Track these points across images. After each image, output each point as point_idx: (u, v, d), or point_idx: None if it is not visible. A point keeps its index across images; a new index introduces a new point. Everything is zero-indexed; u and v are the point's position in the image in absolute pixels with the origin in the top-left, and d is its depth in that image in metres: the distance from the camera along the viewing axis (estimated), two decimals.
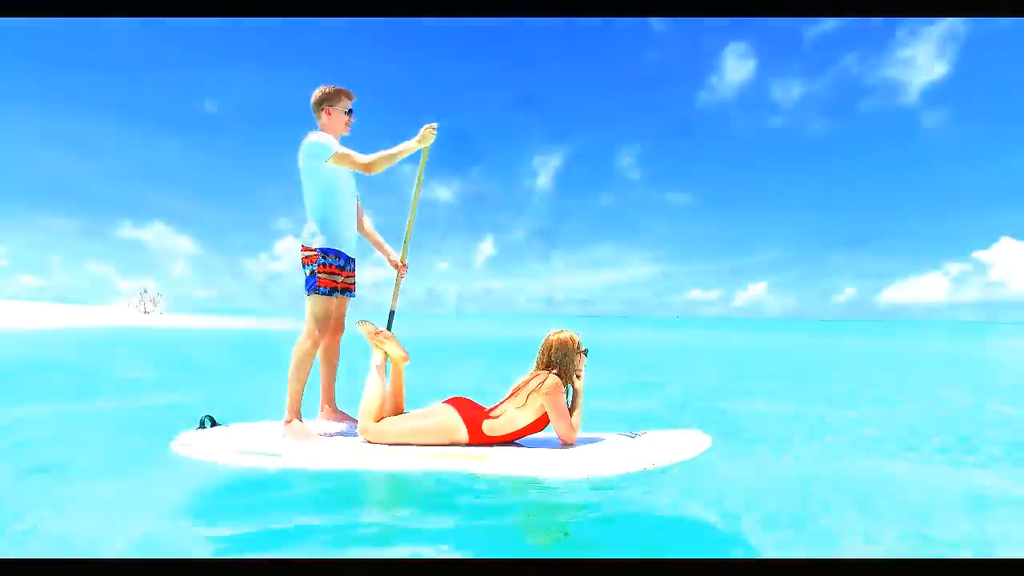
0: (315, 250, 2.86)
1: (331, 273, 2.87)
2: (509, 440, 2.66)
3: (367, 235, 3.27)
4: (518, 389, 2.68)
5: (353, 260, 3.05)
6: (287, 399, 2.81)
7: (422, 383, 4.75)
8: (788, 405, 4.91)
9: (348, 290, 3.04)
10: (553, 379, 2.59)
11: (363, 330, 3.00)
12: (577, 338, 2.72)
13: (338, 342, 3.12)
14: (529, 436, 2.71)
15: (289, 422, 2.77)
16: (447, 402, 2.74)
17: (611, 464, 2.36)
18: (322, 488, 2.43)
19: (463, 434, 2.62)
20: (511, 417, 2.61)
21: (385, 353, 2.92)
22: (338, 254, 2.91)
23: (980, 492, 2.58)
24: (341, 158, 2.82)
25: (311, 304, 2.85)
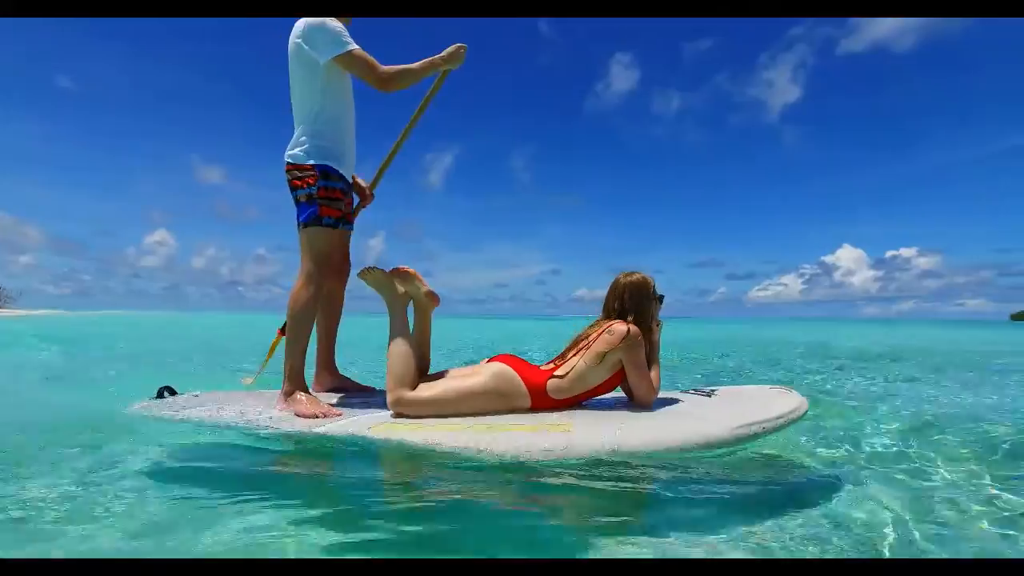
0: (311, 168, 2.15)
1: (334, 199, 2.18)
2: (572, 404, 2.20)
3: None
4: (584, 342, 2.20)
5: (352, 187, 2.37)
6: (285, 365, 2.15)
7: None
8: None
9: (349, 222, 2.36)
10: (635, 329, 2.13)
11: (371, 279, 2.32)
12: (651, 281, 2.27)
13: (343, 287, 2.46)
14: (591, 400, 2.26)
15: (289, 394, 2.12)
16: (496, 359, 2.21)
17: (728, 424, 1.94)
18: (351, 473, 1.83)
19: (525, 398, 2.11)
20: (581, 375, 2.13)
21: (405, 295, 2.29)
22: (340, 176, 2.22)
23: None
24: (356, 60, 2.12)
25: (309, 239, 2.16)
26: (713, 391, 2.56)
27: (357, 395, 2.45)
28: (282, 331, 2.33)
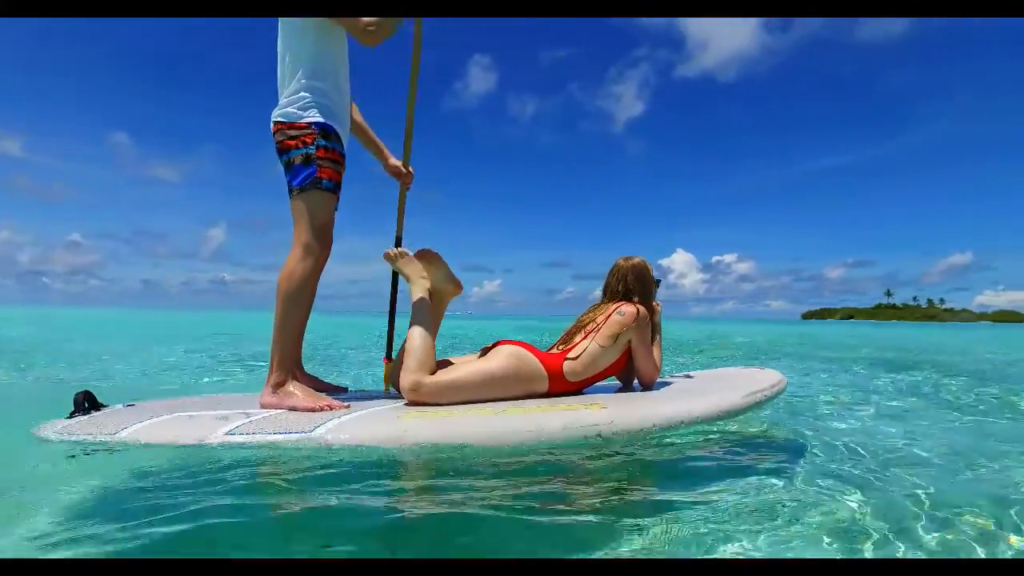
0: (308, 126, 1.89)
1: (334, 160, 1.94)
2: (580, 389, 2.18)
3: (357, 129, 2.32)
4: (591, 325, 2.20)
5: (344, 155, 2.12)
6: (274, 351, 1.81)
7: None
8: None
9: (338, 197, 2.11)
10: (644, 310, 2.19)
11: (394, 258, 2.23)
12: (650, 265, 2.36)
13: (321, 271, 2.16)
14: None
15: (281, 384, 1.79)
16: (508, 343, 2.10)
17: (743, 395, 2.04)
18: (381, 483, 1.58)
19: (543, 381, 2.04)
20: (594, 358, 2.13)
21: (423, 281, 2.17)
22: (339, 138, 1.99)
23: None
24: None
25: (306, 204, 1.88)
26: (689, 375, 2.72)
27: (336, 394, 2.15)
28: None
